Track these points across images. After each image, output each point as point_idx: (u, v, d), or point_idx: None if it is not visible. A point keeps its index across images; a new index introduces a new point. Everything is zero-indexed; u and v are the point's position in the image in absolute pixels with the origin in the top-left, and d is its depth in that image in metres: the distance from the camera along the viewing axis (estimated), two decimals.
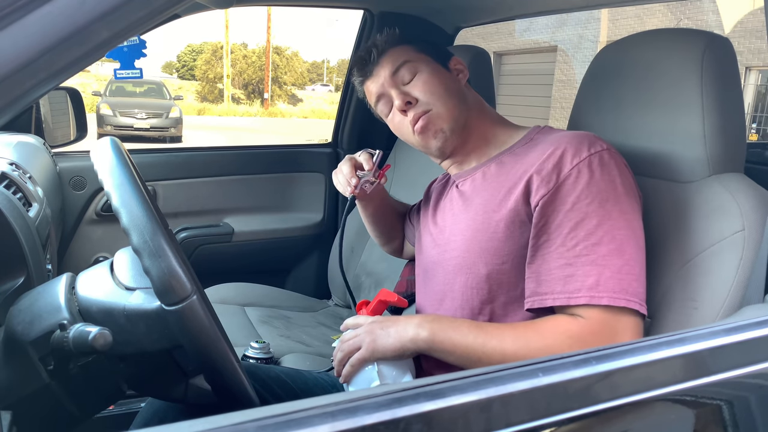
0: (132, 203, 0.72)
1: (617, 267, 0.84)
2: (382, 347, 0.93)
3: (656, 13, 12.85)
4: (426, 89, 1.03)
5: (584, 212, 0.86)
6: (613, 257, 0.84)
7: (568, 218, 0.87)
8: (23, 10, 0.50)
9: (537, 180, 0.90)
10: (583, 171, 0.88)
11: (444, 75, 1.06)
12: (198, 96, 27.07)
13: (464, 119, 1.04)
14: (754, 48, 10.91)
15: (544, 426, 0.55)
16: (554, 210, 0.88)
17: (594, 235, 0.85)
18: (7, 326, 0.78)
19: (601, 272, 0.84)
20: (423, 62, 1.06)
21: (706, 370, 0.66)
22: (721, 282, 0.89)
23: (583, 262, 0.85)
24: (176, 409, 0.98)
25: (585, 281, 0.84)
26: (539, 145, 0.96)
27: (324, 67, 37.68)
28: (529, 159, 0.95)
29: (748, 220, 0.89)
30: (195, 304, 0.70)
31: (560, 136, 0.95)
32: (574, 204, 0.87)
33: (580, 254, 0.85)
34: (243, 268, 2.10)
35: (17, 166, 1.41)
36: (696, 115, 0.95)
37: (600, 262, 0.84)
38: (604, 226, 0.85)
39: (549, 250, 0.88)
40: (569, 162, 0.89)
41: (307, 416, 0.47)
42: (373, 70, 1.08)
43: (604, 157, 0.89)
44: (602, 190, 0.87)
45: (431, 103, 1.02)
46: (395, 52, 1.07)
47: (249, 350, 1.48)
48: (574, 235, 0.86)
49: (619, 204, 0.87)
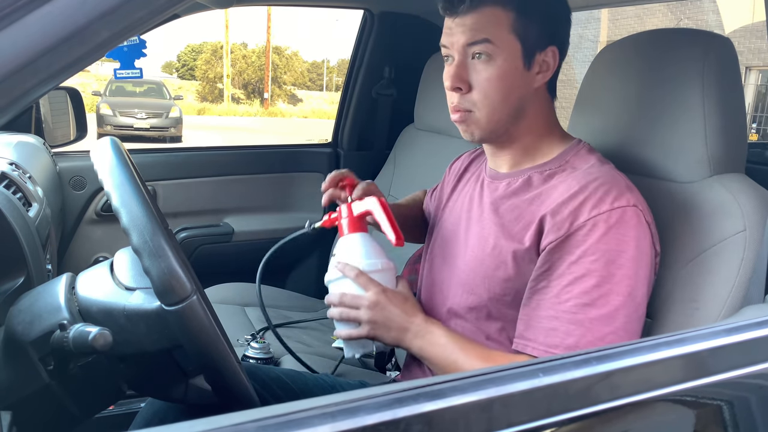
0: (132, 203, 0.72)
1: (601, 334, 0.81)
2: (379, 337, 0.97)
3: (656, 13, 12.85)
4: (484, 86, 0.91)
5: (586, 269, 0.82)
6: (601, 323, 0.81)
7: (569, 270, 0.83)
8: (23, 10, 0.50)
9: (550, 222, 0.86)
10: (599, 225, 0.83)
11: (515, 77, 0.91)
12: (198, 96, 27.08)
13: (505, 129, 0.95)
14: (754, 48, 10.92)
15: (545, 426, 0.55)
16: (559, 258, 0.85)
17: (588, 295, 0.82)
18: (7, 326, 0.78)
19: (583, 335, 0.81)
20: (506, 50, 0.90)
21: (706, 371, 0.66)
22: (722, 282, 0.89)
23: (568, 320, 0.82)
24: (176, 409, 0.98)
25: (565, 339, 0.82)
26: (568, 179, 0.90)
27: (324, 67, 37.69)
28: (552, 193, 0.90)
29: (749, 221, 0.89)
30: (195, 304, 0.70)
31: (591, 177, 0.88)
32: (579, 257, 0.83)
33: (568, 311, 0.82)
34: (243, 268, 2.09)
35: (17, 166, 1.41)
36: (697, 115, 0.95)
37: (586, 324, 0.81)
38: (602, 289, 0.81)
39: (544, 298, 0.85)
40: (587, 212, 0.84)
41: (308, 416, 0.47)
42: (458, 14, 0.91)
43: (626, 213, 0.83)
44: (611, 250, 0.82)
45: (477, 105, 0.92)
46: (489, 15, 0.90)
47: (249, 350, 1.48)
48: (570, 289, 0.83)
49: (625, 268, 0.82)
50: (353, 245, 1.02)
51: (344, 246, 1.03)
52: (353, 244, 1.02)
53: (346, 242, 1.03)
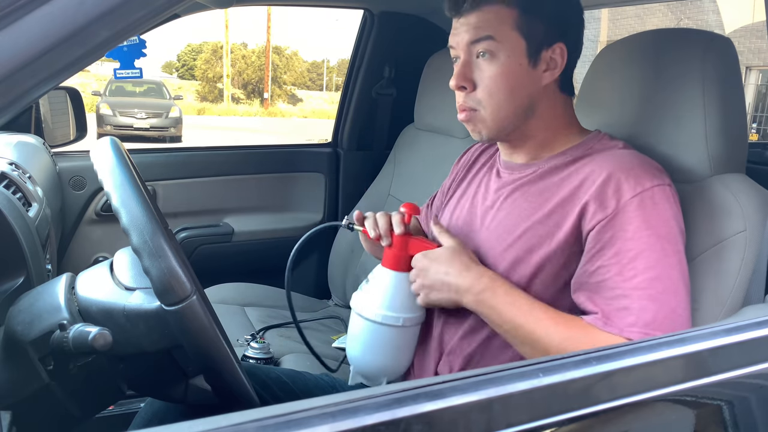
0: (132, 203, 0.72)
1: (672, 307, 0.81)
2: (435, 302, 0.94)
3: (656, 13, 12.85)
4: (488, 84, 0.91)
5: (645, 243, 0.82)
6: (669, 296, 0.81)
7: (627, 247, 0.82)
8: (23, 10, 0.50)
9: (594, 205, 0.85)
10: (646, 201, 0.83)
11: (520, 74, 0.91)
12: (198, 96, 27.08)
13: (514, 127, 0.95)
14: (754, 48, 10.92)
15: (545, 426, 0.55)
16: (612, 236, 0.83)
17: (653, 270, 0.81)
18: (7, 326, 0.78)
19: (658, 309, 0.80)
20: (509, 47, 0.90)
21: (706, 371, 0.66)
22: (722, 282, 0.89)
23: (639, 296, 0.81)
24: (176, 409, 0.98)
25: (641, 316, 0.80)
26: (598, 159, 0.90)
27: (324, 67, 37.69)
28: (587, 173, 0.89)
29: (749, 221, 0.89)
30: (195, 304, 0.70)
31: (624, 158, 0.89)
32: (634, 233, 0.82)
33: (637, 287, 0.81)
34: (243, 268, 2.10)
35: (17, 166, 1.41)
36: (697, 116, 0.95)
37: (657, 298, 0.80)
38: (664, 262, 0.82)
39: (604, 278, 0.84)
40: (631, 189, 0.84)
41: (307, 417, 0.47)
42: (462, 14, 0.93)
43: (666, 191, 0.85)
44: (661, 225, 0.83)
45: (483, 103, 0.92)
46: (492, 13, 0.90)
47: (249, 350, 1.48)
48: (633, 266, 0.82)
49: (675, 243, 0.83)
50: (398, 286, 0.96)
51: (380, 281, 0.97)
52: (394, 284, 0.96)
53: (388, 278, 0.97)
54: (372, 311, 0.96)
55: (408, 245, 0.96)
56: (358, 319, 0.98)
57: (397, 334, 0.97)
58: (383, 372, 1.02)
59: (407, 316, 0.96)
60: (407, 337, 0.99)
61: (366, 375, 1.03)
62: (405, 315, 0.96)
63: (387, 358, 1.00)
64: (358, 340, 0.99)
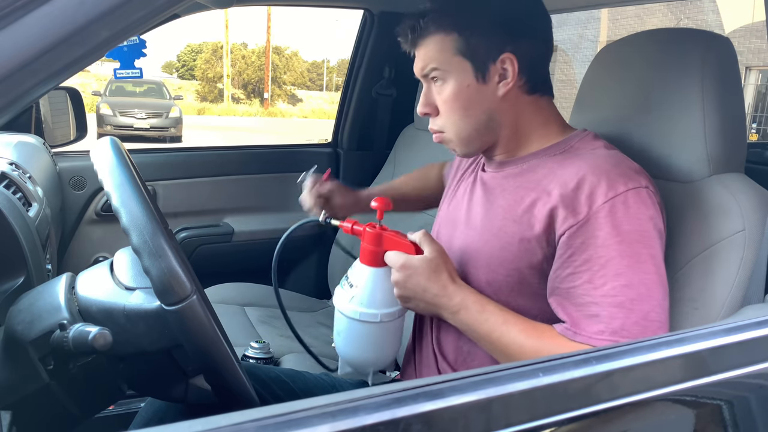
0: (132, 203, 0.72)
1: (644, 312, 0.80)
2: (416, 311, 0.96)
3: (656, 13, 12.86)
4: (445, 108, 0.96)
5: (616, 250, 0.82)
6: (641, 302, 0.80)
7: (597, 254, 0.82)
8: (23, 10, 0.50)
9: (565, 209, 0.85)
10: (617, 207, 0.83)
11: (471, 92, 0.93)
12: (198, 96, 27.09)
13: (481, 142, 0.97)
14: (754, 48, 10.92)
15: (544, 426, 0.55)
16: (582, 243, 0.83)
17: (623, 277, 0.81)
18: (7, 326, 0.78)
19: (627, 316, 0.80)
20: (454, 71, 0.93)
21: (706, 370, 0.66)
22: (721, 282, 0.89)
23: (609, 303, 0.81)
24: (176, 409, 0.98)
25: (610, 323, 0.80)
26: (576, 162, 0.90)
27: (324, 67, 37.68)
28: (563, 174, 0.89)
29: (748, 221, 0.89)
30: (195, 304, 0.70)
31: (600, 160, 0.88)
32: (605, 240, 0.82)
33: (607, 294, 0.81)
34: (243, 268, 2.10)
35: (17, 166, 1.41)
36: (696, 115, 0.95)
37: (627, 305, 0.80)
38: (635, 268, 0.81)
39: (575, 285, 0.84)
40: (603, 194, 0.83)
41: (307, 416, 0.47)
42: (412, 48, 0.98)
43: (641, 194, 0.84)
44: (634, 230, 0.82)
45: (445, 126, 0.97)
46: (431, 43, 0.94)
47: (249, 350, 1.48)
48: (603, 273, 0.82)
49: (650, 247, 0.83)
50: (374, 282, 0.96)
51: (359, 277, 0.97)
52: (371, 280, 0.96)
53: (365, 275, 0.96)
54: (350, 308, 0.96)
55: (382, 241, 0.95)
56: (339, 316, 0.99)
57: (376, 330, 0.97)
58: (368, 364, 1.03)
59: (385, 312, 0.96)
60: (388, 331, 0.99)
61: (353, 366, 1.04)
62: (383, 311, 0.95)
63: (369, 351, 1.01)
64: (341, 336, 1.00)
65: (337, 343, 1.02)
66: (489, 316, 0.88)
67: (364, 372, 1.05)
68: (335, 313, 1.00)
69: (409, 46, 0.98)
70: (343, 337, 1.00)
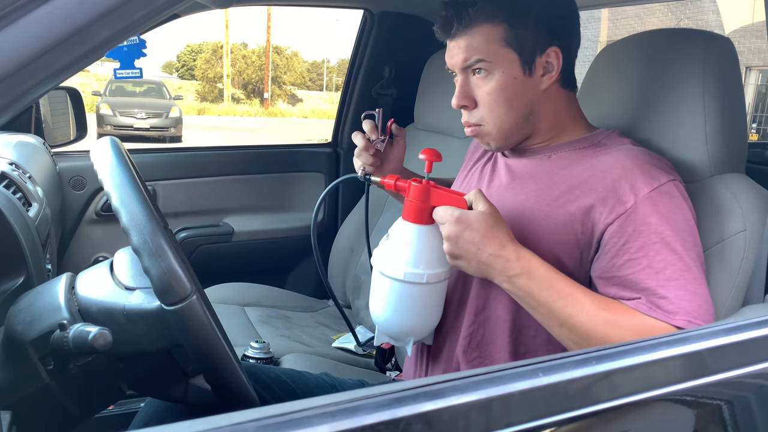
0: (132, 203, 0.72)
1: (704, 296, 0.81)
2: (464, 269, 0.88)
3: (656, 13, 12.85)
4: (487, 100, 0.94)
5: (669, 236, 0.82)
6: (699, 286, 0.82)
7: (652, 240, 0.82)
8: (23, 10, 0.50)
9: (609, 200, 0.86)
10: (662, 196, 0.84)
11: (516, 85, 0.93)
12: (198, 96, 27.08)
13: (519, 134, 0.97)
14: (754, 48, 10.92)
15: (544, 426, 0.55)
16: (635, 230, 0.83)
17: (681, 261, 0.82)
18: (7, 326, 0.78)
19: (692, 298, 0.80)
20: (501, 63, 0.92)
21: (706, 370, 0.66)
22: (722, 282, 0.89)
23: (674, 286, 0.81)
24: (176, 409, 0.98)
25: (680, 305, 0.80)
26: (611, 154, 0.91)
27: (324, 67, 37.68)
28: (599, 165, 0.90)
29: (749, 221, 0.89)
30: (195, 304, 0.70)
31: (636, 153, 0.90)
32: (656, 227, 0.83)
33: (670, 278, 0.81)
34: (243, 268, 2.10)
35: (17, 166, 1.41)
36: (697, 116, 0.95)
37: (690, 288, 0.81)
38: (688, 254, 0.82)
39: (634, 270, 0.83)
40: (648, 184, 0.85)
41: (307, 416, 0.47)
42: (452, 37, 0.94)
43: (679, 187, 0.87)
44: (680, 219, 0.84)
45: (485, 119, 0.95)
46: (479, 34, 0.92)
47: (249, 350, 1.48)
48: (662, 258, 0.82)
49: (693, 236, 0.85)
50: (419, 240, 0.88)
51: (402, 235, 0.90)
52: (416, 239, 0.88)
53: (409, 233, 0.89)
54: (393, 268, 0.89)
55: (429, 196, 0.88)
56: (379, 278, 0.92)
57: (421, 292, 0.91)
58: (410, 331, 0.96)
59: (431, 272, 0.89)
60: (432, 294, 0.92)
61: (391, 335, 0.97)
62: (429, 271, 0.89)
63: (412, 317, 0.94)
64: (381, 300, 0.93)
65: (375, 309, 0.95)
66: (553, 282, 0.83)
67: (404, 341, 0.97)
68: (373, 276, 0.93)
69: (446, 36, 0.95)
70: (383, 302, 0.92)
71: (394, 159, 1.14)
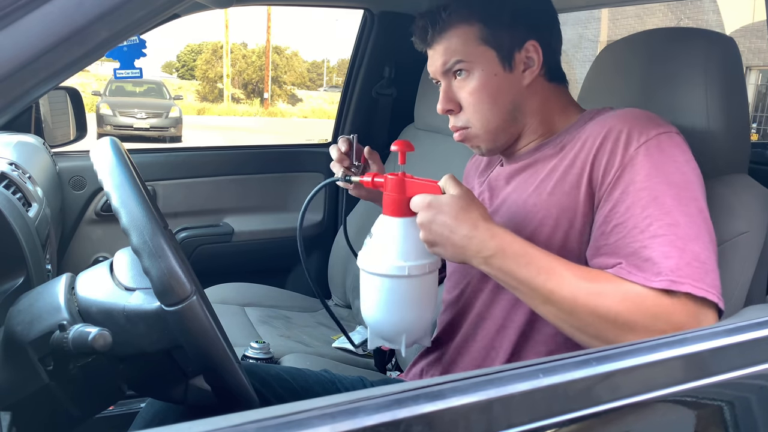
0: (132, 203, 0.72)
1: (695, 253, 0.75)
2: (440, 255, 0.86)
3: (656, 13, 12.85)
4: (470, 101, 0.93)
5: (657, 190, 0.78)
6: (691, 240, 0.76)
7: (639, 197, 0.79)
8: (23, 10, 0.50)
9: (602, 161, 0.83)
10: (652, 149, 0.81)
11: (498, 83, 0.92)
12: (198, 96, 27.08)
13: (508, 134, 0.96)
14: (754, 48, 10.92)
15: (545, 427, 0.55)
16: (623, 192, 0.81)
17: (669, 215, 0.77)
18: (7, 326, 0.78)
19: (680, 255, 0.75)
20: (480, 62, 0.92)
21: (707, 371, 0.66)
22: (724, 283, 0.88)
23: (660, 243, 0.76)
24: (176, 410, 0.98)
25: (665, 263, 0.75)
26: (598, 120, 0.89)
27: (324, 67, 37.69)
28: (587, 135, 0.88)
29: (752, 222, 0.88)
30: (195, 304, 0.70)
31: (625, 113, 0.87)
32: (643, 182, 0.79)
33: (655, 234, 0.76)
34: (243, 268, 2.10)
35: (17, 166, 1.41)
36: (700, 116, 0.95)
37: (678, 244, 0.75)
38: (679, 209, 0.77)
39: (622, 235, 0.80)
40: (635, 140, 0.82)
41: (307, 417, 0.47)
42: (430, 45, 0.96)
43: (674, 138, 0.83)
44: (673, 172, 0.80)
45: (471, 121, 0.95)
46: (454, 36, 0.92)
47: (249, 350, 1.48)
48: (648, 214, 0.77)
49: (691, 190, 0.79)
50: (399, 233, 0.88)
51: (383, 231, 0.90)
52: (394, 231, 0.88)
53: (387, 226, 0.89)
54: (377, 265, 0.89)
55: (405, 187, 0.88)
56: (365, 277, 0.91)
57: (406, 285, 0.89)
58: (400, 330, 0.94)
59: (414, 264, 0.87)
60: (418, 287, 0.90)
61: (383, 336, 0.96)
62: (411, 263, 0.87)
63: (400, 313, 0.92)
64: (369, 299, 0.92)
65: (366, 310, 0.94)
66: (531, 258, 0.79)
67: (397, 341, 0.95)
68: (361, 277, 0.93)
69: (425, 45, 0.96)
70: (371, 301, 0.92)
71: None
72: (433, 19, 0.93)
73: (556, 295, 0.78)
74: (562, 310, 0.78)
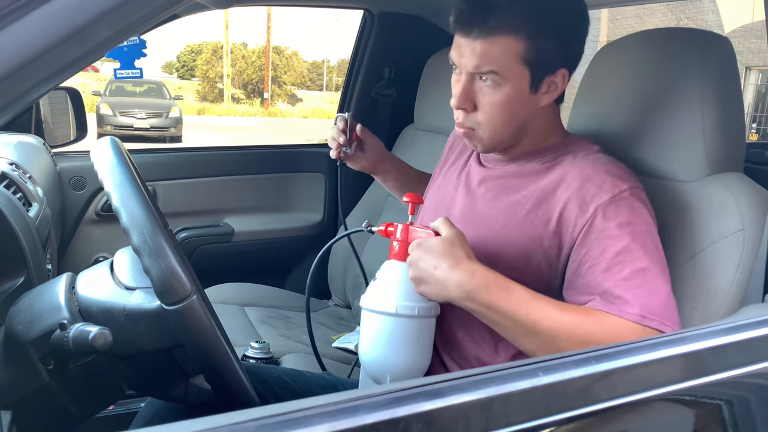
0: (132, 203, 0.72)
1: (665, 294, 0.84)
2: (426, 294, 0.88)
3: (656, 13, 12.85)
4: (488, 110, 0.93)
5: (628, 239, 0.86)
6: (659, 285, 0.84)
7: (612, 244, 0.86)
8: (23, 10, 0.50)
9: (574, 209, 0.89)
10: (622, 202, 0.88)
11: (520, 101, 0.93)
12: (198, 96, 27.06)
13: (509, 142, 0.98)
14: (754, 48, 10.91)
15: (544, 426, 0.55)
16: (597, 237, 0.87)
17: (640, 261, 0.85)
18: (7, 326, 0.79)
19: (650, 296, 0.83)
20: (513, 79, 0.91)
21: (705, 370, 0.66)
22: (720, 282, 0.89)
23: (631, 286, 0.84)
24: (176, 409, 0.98)
25: (635, 301, 0.83)
26: (576, 163, 0.94)
27: (324, 67, 37.67)
28: (564, 175, 0.93)
29: (747, 220, 0.89)
30: (195, 303, 0.71)
31: (601, 162, 0.93)
32: (615, 232, 0.86)
33: (627, 278, 0.84)
34: (243, 268, 2.10)
35: (17, 166, 1.41)
36: (695, 115, 0.95)
37: (647, 287, 0.84)
38: (648, 256, 0.85)
39: (594, 275, 0.86)
40: (608, 191, 0.88)
41: (307, 416, 0.47)
42: (467, 35, 0.90)
43: (640, 193, 0.90)
44: (640, 222, 0.88)
45: (481, 125, 0.95)
46: (498, 44, 0.89)
47: (249, 350, 1.48)
48: (620, 260, 0.85)
49: (654, 240, 0.88)
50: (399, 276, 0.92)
51: (390, 273, 0.94)
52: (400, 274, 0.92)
53: (393, 270, 0.94)
54: (385, 303, 0.91)
55: (408, 234, 0.93)
56: (370, 317, 0.94)
57: (413, 326, 0.92)
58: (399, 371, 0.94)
59: (422, 305, 0.91)
60: (424, 330, 0.93)
61: (377, 376, 0.96)
62: (420, 304, 0.91)
63: (405, 353, 0.93)
64: (371, 338, 0.93)
65: (366, 351, 0.94)
66: (513, 292, 0.83)
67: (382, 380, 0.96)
68: (363, 317, 0.95)
69: (464, 34, 0.91)
70: (374, 340, 0.93)
71: (370, 150, 1.26)
72: (485, 16, 0.88)
73: (538, 327, 0.83)
74: (543, 342, 0.83)
